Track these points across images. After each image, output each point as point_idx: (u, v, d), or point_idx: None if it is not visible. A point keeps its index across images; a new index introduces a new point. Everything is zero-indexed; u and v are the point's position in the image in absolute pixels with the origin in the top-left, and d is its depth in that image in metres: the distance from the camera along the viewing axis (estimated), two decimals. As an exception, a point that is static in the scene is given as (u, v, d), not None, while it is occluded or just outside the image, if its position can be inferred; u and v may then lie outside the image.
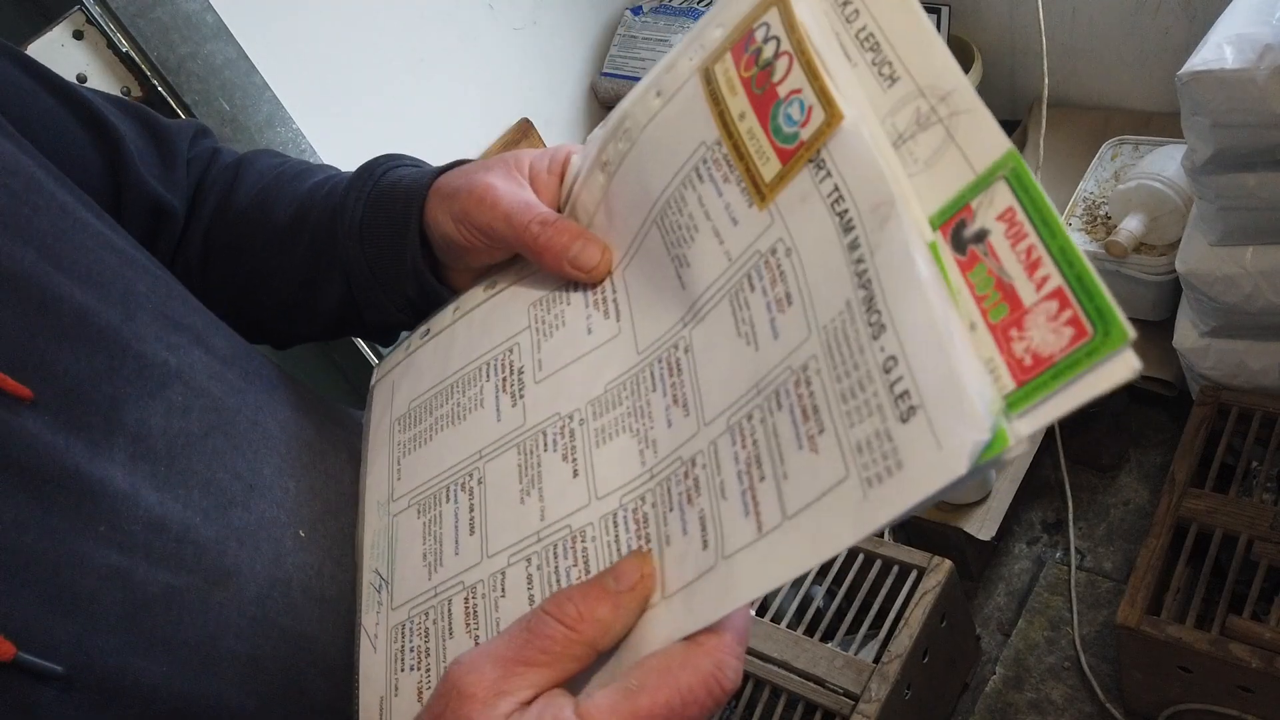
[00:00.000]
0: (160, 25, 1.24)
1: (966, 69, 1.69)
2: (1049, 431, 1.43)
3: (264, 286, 0.60)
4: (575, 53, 1.86)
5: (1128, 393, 1.43)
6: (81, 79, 1.21)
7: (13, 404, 0.39)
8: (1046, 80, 1.48)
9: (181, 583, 0.42)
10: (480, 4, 1.67)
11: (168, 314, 0.48)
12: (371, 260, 0.56)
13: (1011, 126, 1.83)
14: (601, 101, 1.91)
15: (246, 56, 1.33)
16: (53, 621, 0.38)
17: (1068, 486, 1.46)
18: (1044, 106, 1.50)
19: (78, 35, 1.20)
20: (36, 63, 0.57)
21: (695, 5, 1.78)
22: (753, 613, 0.68)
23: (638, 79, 1.73)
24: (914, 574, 1.27)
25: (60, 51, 1.19)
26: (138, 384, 0.44)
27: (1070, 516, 1.45)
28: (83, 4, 1.20)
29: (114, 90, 1.25)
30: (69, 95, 0.57)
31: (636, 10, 1.85)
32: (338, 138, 1.48)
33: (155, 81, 1.27)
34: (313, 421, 0.55)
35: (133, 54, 1.24)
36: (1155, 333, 1.42)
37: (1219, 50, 1.05)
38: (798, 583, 1.34)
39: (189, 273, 0.61)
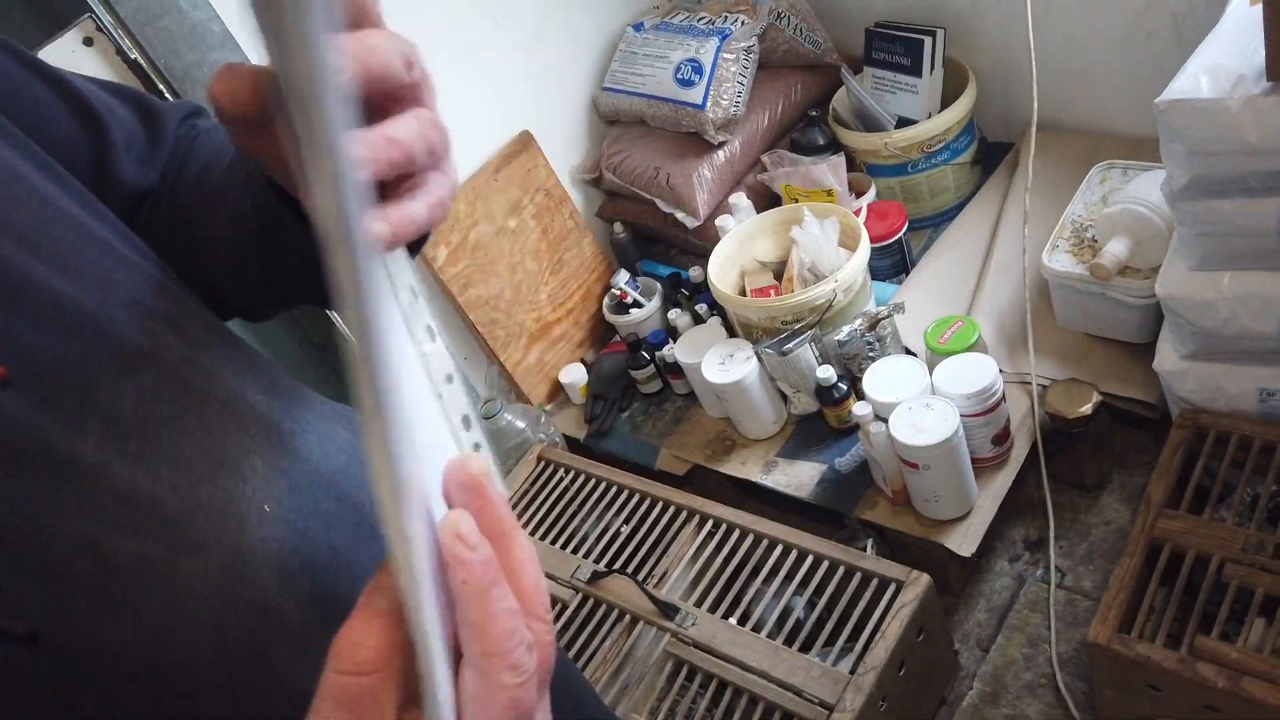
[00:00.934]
0: (168, 34, 1.27)
1: (960, 90, 1.71)
2: (1033, 450, 1.45)
3: (208, 251, 0.62)
4: (576, 68, 1.89)
5: (1111, 414, 1.44)
6: (90, 85, 1.25)
7: None
8: (1036, 104, 1.50)
9: (150, 552, 0.45)
10: (485, 19, 1.70)
11: (143, 300, 0.51)
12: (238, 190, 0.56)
13: (1004, 149, 1.85)
14: (602, 115, 1.94)
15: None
16: (22, 585, 0.41)
17: (1050, 505, 1.47)
18: (1033, 129, 1.52)
19: (88, 42, 1.24)
20: (27, 52, 0.59)
21: (695, 23, 1.81)
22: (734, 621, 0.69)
23: (637, 94, 1.74)
24: (892, 587, 1.28)
25: (70, 57, 1.23)
26: (111, 367, 0.47)
27: (1051, 535, 1.46)
28: (93, 12, 1.23)
29: (121, 96, 1.29)
30: (59, 84, 0.59)
31: (638, 27, 1.88)
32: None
33: (162, 88, 1.30)
34: (283, 404, 0.58)
35: (140, 61, 1.27)
36: (1139, 355, 1.44)
37: (1195, 80, 1.07)
38: (779, 593, 1.36)
39: (162, 245, 0.62)
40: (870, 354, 1.51)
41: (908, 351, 1.53)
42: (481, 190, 1.73)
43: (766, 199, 1.84)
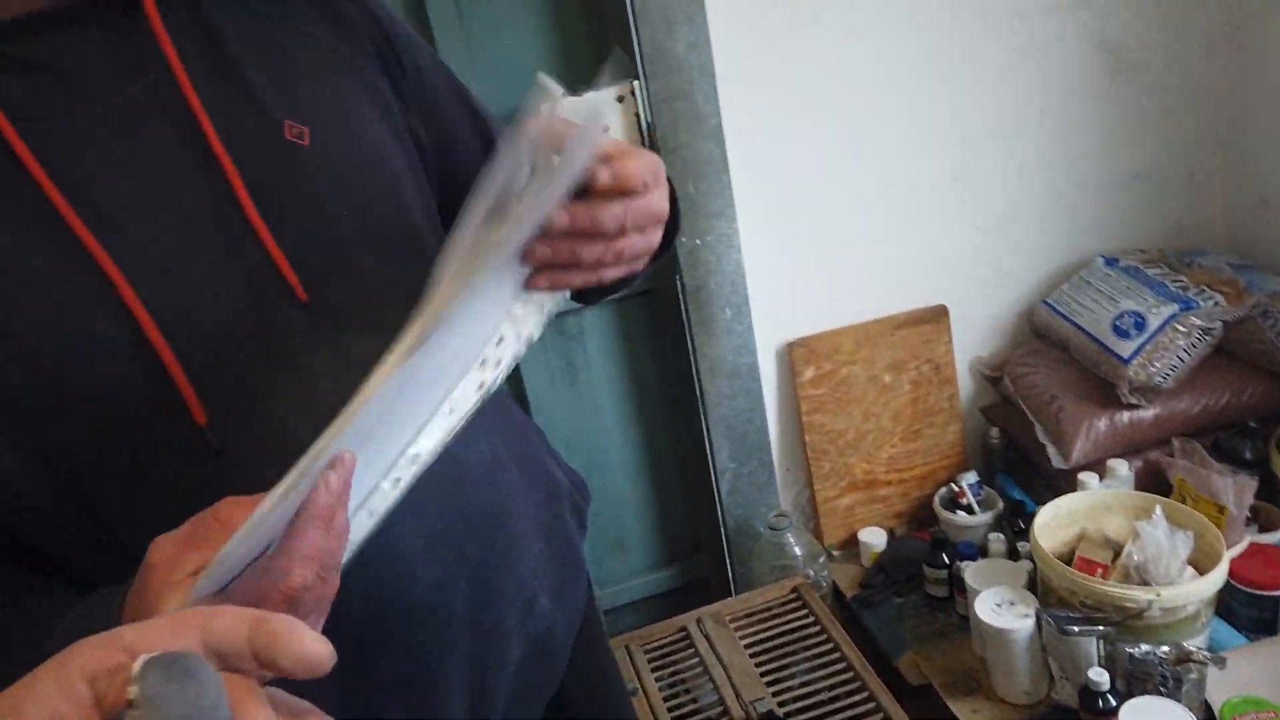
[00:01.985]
0: (674, 113, 1.56)
1: None
2: None
3: None
4: (1026, 271, 1.89)
5: None
6: (606, 129, 1.57)
7: (296, 301, 0.63)
8: None
9: None
10: (953, 194, 1.79)
11: (415, 290, 0.71)
12: None
13: None
14: (1032, 324, 1.91)
15: (725, 160, 1.60)
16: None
17: None
18: None
19: (619, 99, 1.57)
20: (460, 81, 0.82)
21: (1166, 282, 1.71)
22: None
23: (1071, 321, 1.71)
24: None
25: (600, 103, 1.56)
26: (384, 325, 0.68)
27: None
28: (636, 83, 1.56)
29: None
30: (476, 114, 0.82)
31: (1110, 261, 1.83)
32: (766, 246, 1.71)
33: (651, 147, 1.59)
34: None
35: (646, 126, 1.57)
36: None
37: None
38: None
39: None
40: (1159, 687, 1.34)
41: (1205, 706, 1.32)
42: (873, 337, 1.81)
43: (1153, 481, 1.68)
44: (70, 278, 0.56)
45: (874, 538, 1.86)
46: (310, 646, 0.36)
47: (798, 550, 1.81)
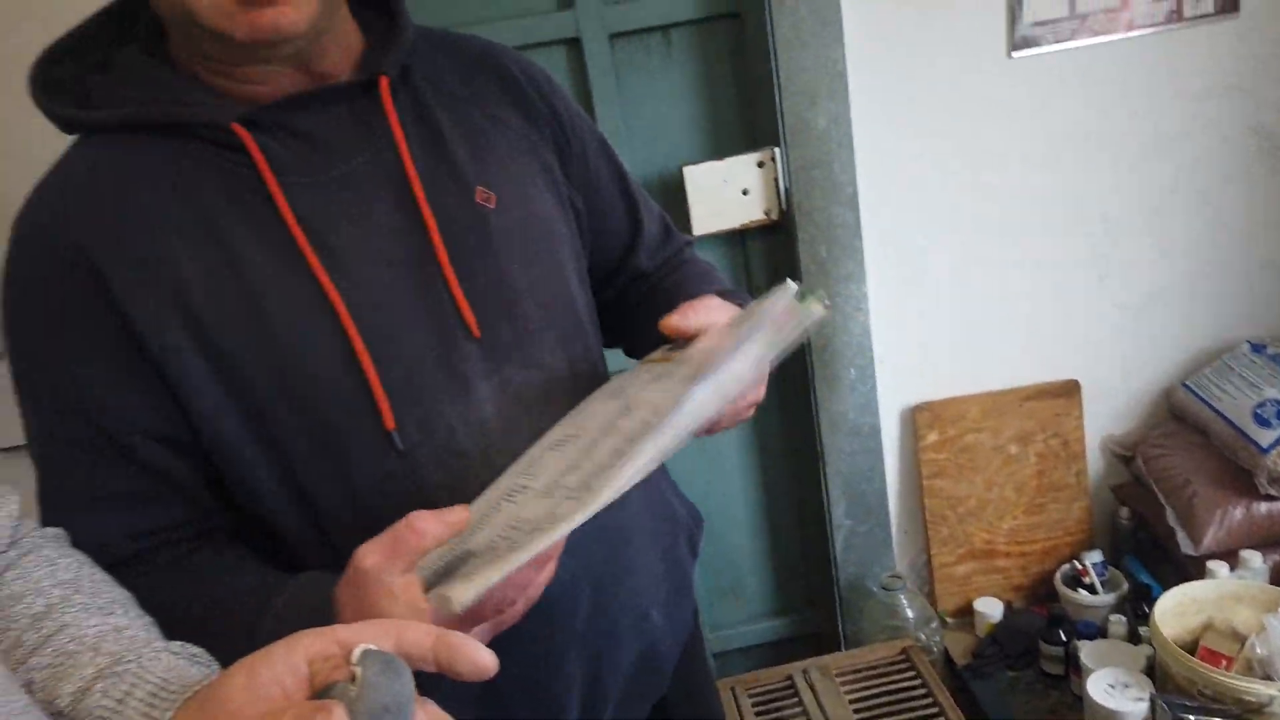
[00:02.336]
0: (811, 180, 1.64)
1: None
2: None
3: (630, 323, 0.96)
4: (1170, 350, 1.86)
5: None
6: (745, 191, 1.68)
7: (469, 335, 0.76)
8: None
9: None
10: (1093, 270, 1.79)
11: (566, 336, 0.82)
12: None
13: None
14: (1170, 406, 1.87)
15: (859, 225, 1.67)
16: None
17: None
18: None
19: (760, 164, 1.67)
20: (612, 149, 0.95)
21: (1316, 371, 1.66)
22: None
23: (1211, 406, 1.71)
24: None
25: (742, 167, 1.67)
26: (545, 364, 0.81)
27: None
28: (777, 150, 1.65)
29: (759, 212, 1.70)
30: (624, 181, 0.95)
31: (1257, 348, 1.78)
32: (896, 310, 1.76)
33: (787, 211, 1.68)
34: None
35: (782, 190, 1.67)
36: None
37: None
38: None
39: (605, 303, 0.96)
40: (1279, 789, 1.29)
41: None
42: (1000, 406, 1.82)
43: (1292, 576, 1.61)
44: (304, 302, 0.71)
45: (990, 608, 1.84)
46: (483, 657, 0.47)
47: (910, 613, 1.82)
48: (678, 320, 0.74)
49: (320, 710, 0.41)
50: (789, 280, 0.72)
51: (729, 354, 0.67)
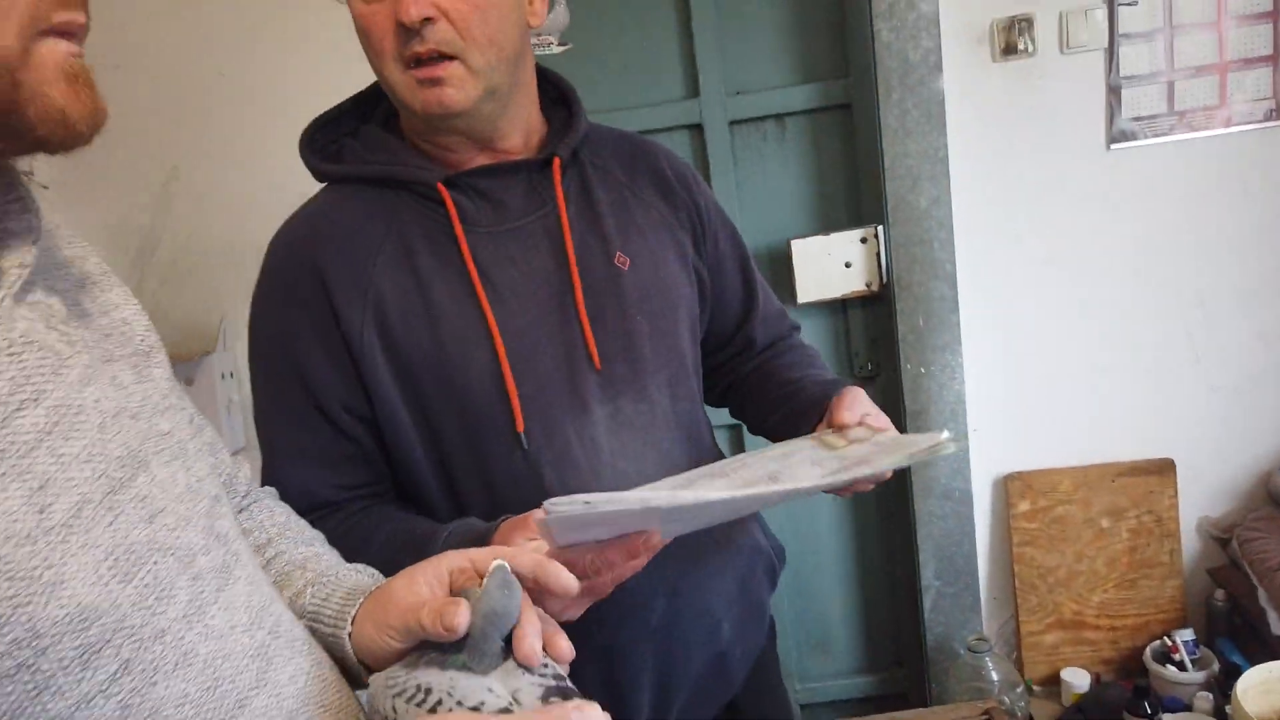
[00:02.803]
0: (912, 257, 1.77)
1: None
2: None
3: (742, 390, 1.12)
4: (1263, 441, 1.88)
5: None
6: (848, 264, 1.82)
7: (591, 367, 0.93)
8: None
9: None
10: (1188, 351, 1.85)
11: (673, 379, 0.99)
12: None
13: None
14: (1270, 493, 1.89)
15: (956, 300, 1.79)
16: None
17: None
18: None
19: (863, 239, 1.81)
20: (739, 237, 1.12)
21: None
22: None
23: None
24: None
25: (846, 242, 1.81)
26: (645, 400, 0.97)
27: None
28: (880, 227, 1.79)
29: (860, 284, 1.83)
30: (747, 272, 1.12)
31: (1360, 436, 1.79)
32: (991, 381, 1.85)
33: (887, 284, 1.81)
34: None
35: (883, 265, 1.80)
36: None
37: None
38: None
39: (714, 367, 1.12)
40: None
41: None
42: (1093, 480, 1.88)
43: (1390, 667, 1.61)
44: (469, 323, 0.90)
45: (1076, 678, 1.88)
46: (567, 579, 0.64)
47: (995, 676, 1.87)
48: (847, 416, 0.92)
49: (451, 604, 0.58)
50: (946, 433, 0.87)
51: (869, 466, 0.84)
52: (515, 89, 0.94)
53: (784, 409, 1.04)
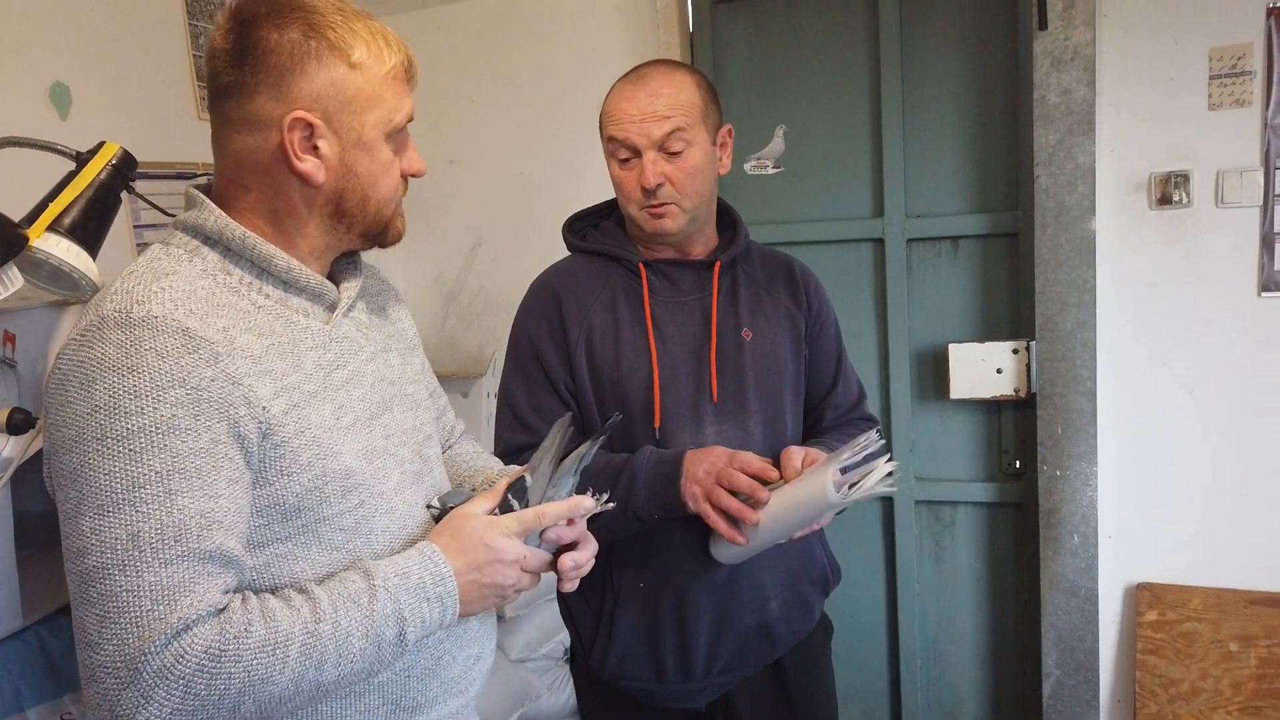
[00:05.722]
0: (1055, 371, 2.00)
1: None
2: None
3: None
4: None
5: None
6: (999, 370, 2.08)
7: (709, 400, 1.36)
8: None
9: None
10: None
11: (768, 421, 1.39)
12: None
13: None
14: None
15: (1095, 413, 1.98)
16: None
17: None
18: None
19: (1014, 350, 2.06)
20: (840, 343, 1.51)
21: None
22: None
23: None
24: None
25: (999, 351, 2.07)
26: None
27: None
28: (1030, 342, 2.04)
29: (1009, 389, 2.08)
30: (839, 365, 1.50)
31: None
32: (1126, 490, 2.01)
33: (1033, 392, 2.05)
34: None
35: (1032, 374, 2.04)
36: None
37: None
38: None
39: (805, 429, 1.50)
40: None
41: None
42: (1224, 603, 1.97)
43: None
44: (640, 355, 1.36)
45: (1187, 791, 1.95)
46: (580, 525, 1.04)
47: (1101, 769, 2.00)
48: (798, 465, 1.28)
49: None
50: (891, 463, 1.21)
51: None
52: (705, 218, 1.41)
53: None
